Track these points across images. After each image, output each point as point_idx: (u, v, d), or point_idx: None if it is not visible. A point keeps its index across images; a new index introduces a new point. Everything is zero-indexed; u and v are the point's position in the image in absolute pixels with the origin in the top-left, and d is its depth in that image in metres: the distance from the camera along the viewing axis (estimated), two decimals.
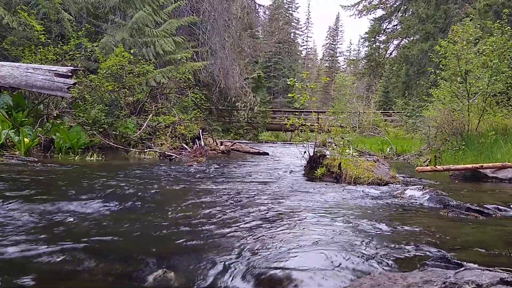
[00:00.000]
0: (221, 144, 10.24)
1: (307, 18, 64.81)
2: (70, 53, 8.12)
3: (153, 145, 7.98)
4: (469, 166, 5.57)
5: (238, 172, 5.41)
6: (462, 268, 1.33)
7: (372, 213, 2.82)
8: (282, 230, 2.15)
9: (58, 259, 1.54)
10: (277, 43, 43.69)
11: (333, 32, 65.66)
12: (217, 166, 6.04)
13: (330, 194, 3.59)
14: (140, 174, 4.51)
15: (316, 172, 4.77)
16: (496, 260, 1.77)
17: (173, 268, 1.49)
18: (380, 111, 25.47)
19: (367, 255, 1.71)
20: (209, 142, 10.09)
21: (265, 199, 3.21)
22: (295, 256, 1.65)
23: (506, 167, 5.50)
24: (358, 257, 1.68)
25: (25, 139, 5.55)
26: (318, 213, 2.69)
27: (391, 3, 29.33)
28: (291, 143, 19.63)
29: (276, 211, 2.70)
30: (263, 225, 2.25)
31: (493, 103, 8.86)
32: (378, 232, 2.21)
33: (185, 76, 11.61)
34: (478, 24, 11.30)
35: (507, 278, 1.17)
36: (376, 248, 1.84)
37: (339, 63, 65.91)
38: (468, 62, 8.11)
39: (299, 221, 2.38)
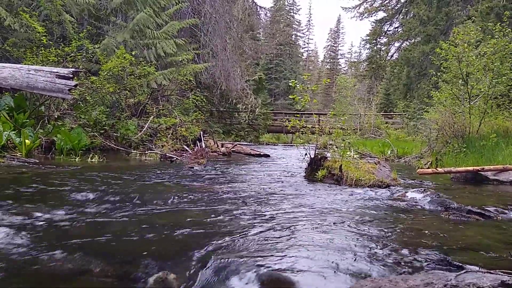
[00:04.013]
0: (222, 146, 10.25)
1: (308, 20, 65.14)
2: (72, 54, 8.14)
3: (154, 146, 7.98)
4: (470, 168, 5.56)
5: (239, 174, 5.41)
6: (463, 271, 1.33)
7: (373, 216, 2.82)
8: (283, 231, 2.14)
9: (57, 261, 1.54)
10: (278, 45, 43.77)
11: (334, 34, 65.78)
12: (218, 168, 6.04)
13: (331, 196, 3.59)
14: (141, 175, 4.51)
15: (317, 174, 4.76)
16: (497, 263, 1.76)
17: (174, 269, 1.49)
18: (381, 113, 25.49)
19: (367, 258, 1.71)
20: (210, 143, 10.10)
21: (266, 201, 3.21)
22: (295, 258, 1.65)
23: (507, 170, 5.49)
24: (359, 259, 1.67)
25: (26, 141, 5.55)
26: (319, 215, 2.68)
27: (392, 5, 29.43)
28: (292, 145, 19.65)
29: (277, 213, 2.70)
30: (264, 227, 2.25)
31: (494, 105, 8.86)
32: (379, 235, 2.20)
33: (186, 78, 11.63)
34: (480, 27, 11.31)
35: (508, 281, 1.16)
36: (377, 251, 1.83)
37: (340, 65, 66.01)
38: (469, 64, 8.12)
39: (300, 223, 2.38)
